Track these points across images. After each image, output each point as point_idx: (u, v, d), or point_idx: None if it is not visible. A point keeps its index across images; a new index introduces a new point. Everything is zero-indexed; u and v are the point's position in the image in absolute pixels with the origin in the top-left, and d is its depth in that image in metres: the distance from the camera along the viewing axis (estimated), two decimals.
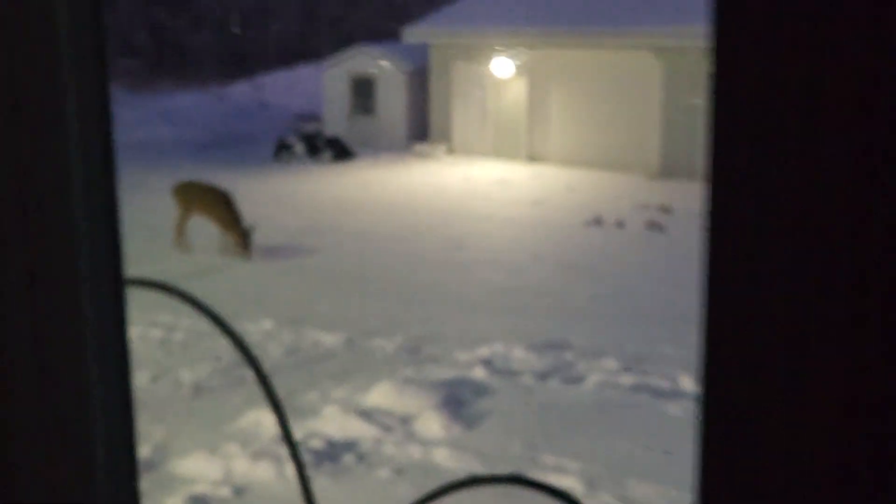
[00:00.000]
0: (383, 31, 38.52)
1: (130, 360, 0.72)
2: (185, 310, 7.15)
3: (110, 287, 0.69)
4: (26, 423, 0.63)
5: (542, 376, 7.19)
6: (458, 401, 6.46)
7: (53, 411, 0.64)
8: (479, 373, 7.07)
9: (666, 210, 15.50)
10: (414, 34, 22.30)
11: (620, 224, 14.46)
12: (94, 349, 0.65)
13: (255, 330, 9.16)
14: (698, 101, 18.55)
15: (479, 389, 6.69)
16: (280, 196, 17.04)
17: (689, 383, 7.07)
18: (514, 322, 9.60)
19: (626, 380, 7.13)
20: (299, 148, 21.43)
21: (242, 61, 37.92)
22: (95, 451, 0.66)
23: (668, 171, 19.08)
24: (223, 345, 8.61)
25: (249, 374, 7.81)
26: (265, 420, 6.40)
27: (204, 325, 9.25)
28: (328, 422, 6.22)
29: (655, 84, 19.15)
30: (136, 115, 26.87)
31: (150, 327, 8.79)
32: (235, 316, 9.59)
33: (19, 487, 0.63)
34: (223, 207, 12.45)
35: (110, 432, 0.67)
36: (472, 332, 9.22)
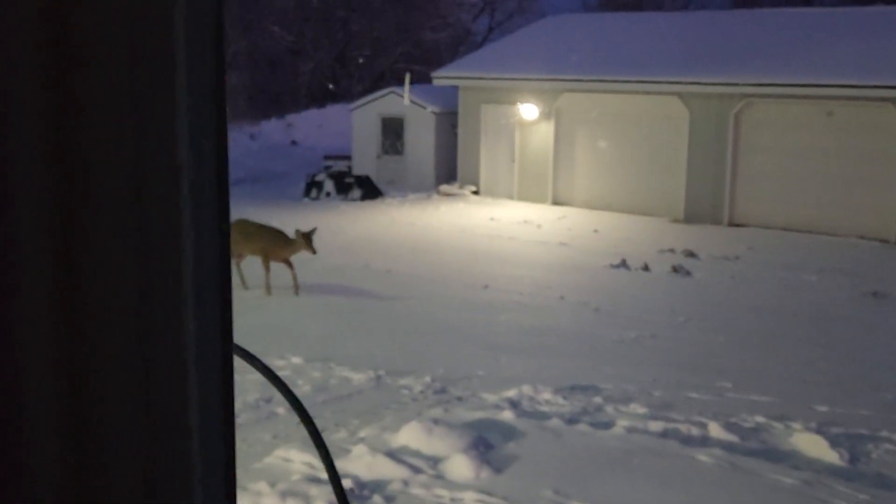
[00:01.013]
0: (413, 74, 38.96)
1: (232, 365, 0.73)
2: None
3: (213, 300, 0.70)
4: (122, 418, 0.63)
5: (571, 420, 7.18)
6: (486, 443, 6.47)
7: (151, 407, 0.64)
8: (507, 415, 7.08)
9: (691, 254, 15.48)
10: (443, 77, 22.57)
11: (646, 267, 14.45)
12: (195, 353, 0.67)
13: (284, 366, 9.23)
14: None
15: (508, 432, 6.69)
16: None
17: (718, 430, 7.03)
18: (541, 364, 9.60)
19: (655, 426, 7.10)
20: (329, 186, 21.64)
21: (275, 100, 38.46)
22: (192, 449, 0.66)
23: (692, 215, 19.07)
24: (252, 380, 8.68)
25: (279, 411, 7.86)
26: (294, 457, 6.44)
27: (235, 360, 9.34)
28: (356, 462, 6.24)
29: (682, 129, 19.21)
30: None
31: None
32: (265, 352, 9.68)
33: (114, 485, 0.63)
34: (277, 243, 12.39)
35: (207, 430, 0.68)
36: (499, 373, 9.23)
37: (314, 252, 12.27)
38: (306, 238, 12.22)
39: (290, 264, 12.30)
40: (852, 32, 19.76)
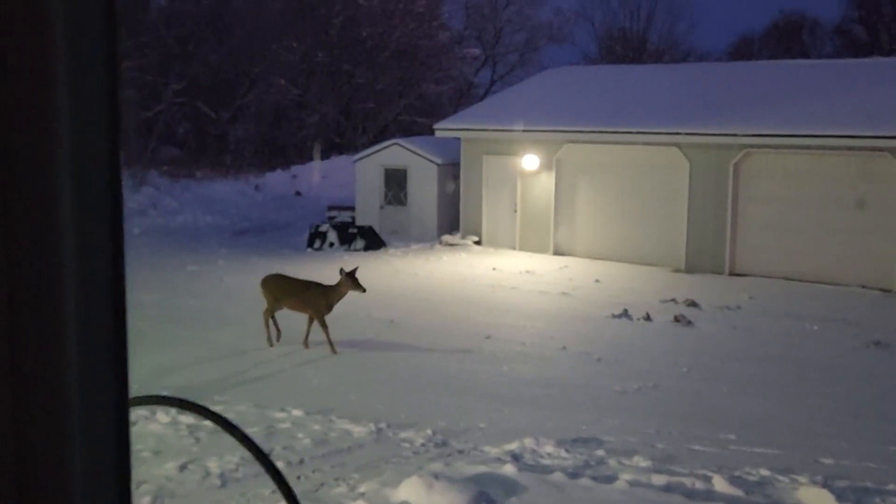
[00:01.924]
0: (415, 125, 39.32)
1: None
2: (215, 400, 7.22)
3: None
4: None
5: (573, 474, 7.12)
6: (488, 499, 6.41)
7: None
8: (508, 469, 7.01)
9: (692, 304, 15.46)
10: (445, 129, 22.79)
11: (648, 317, 14.42)
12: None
13: (284, 418, 9.19)
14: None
15: (510, 487, 6.63)
16: None
17: (723, 484, 6.96)
18: (543, 416, 9.54)
19: (658, 479, 7.03)
20: (332, 236, 21.71)
21: (279, 152, 38.78)
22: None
23: (693, 265, 19.08)
24: (251, 436, 8.62)
25: (278, 465, 7.81)
26: None
27: (232, 413, 9.30)
28: None
29: (682, 180, 19.31)
30: (175, 202, 27.47)
31: (179, 414, 8.84)
32: (266, 404, 9.64)
33: None
34: (319, 294, 12.09)
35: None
36: (501, 425, 9.17)
37: (363, 290, 11.99)
38: (351, 277, 11.90)
39: (322, 323, 11.93)
40: (849, 84, 19.95)
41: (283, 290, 12.26)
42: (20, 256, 0.62)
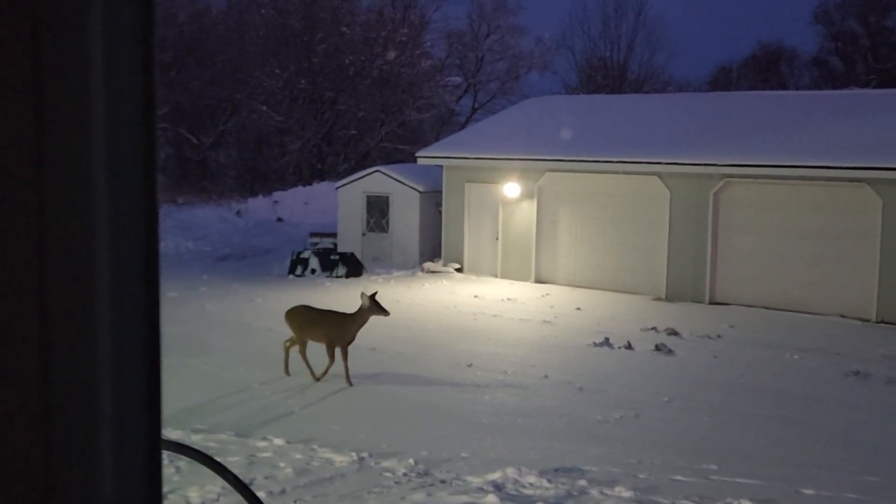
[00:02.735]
0: (397, 152, 39.45)
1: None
2: (196, 428, 7.20)
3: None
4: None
5: None
6: None
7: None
8: (491, 499, 7.00)
9: (673, 332, 15.53)
10: (427, 157, 22.89)
11: (629, 345, 14.47)
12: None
13: (265, 447, 9.13)
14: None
15: None
16: None
17: None
18: (525, 445, 9.53)
19: None
20: (314, 262, 21.69)
21: (261, 178, 38.76)
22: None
23: (674, 294, 19.19)
24: (232, 465, 8.56)
25: (260, 495, 7.75)
26: None
27: (212, 443, 9.24)
28: None
29: (662, 209, 19.46)
30: None
31: None
32: (248, 433, 9.58)
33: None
34: (343, 324, 11.87)
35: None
36: (483, 454, 9.15)
37: (387, 313, 11.83)
38: (373, 301, 11.70)
39: (345, 354, 11.75)
40: (827, 115, 20.22)
41: (309, 321, 12.01)
42: (53, 266, 0.63)
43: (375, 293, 11.97)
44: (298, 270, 21.72)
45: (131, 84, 0.66)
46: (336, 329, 11.87)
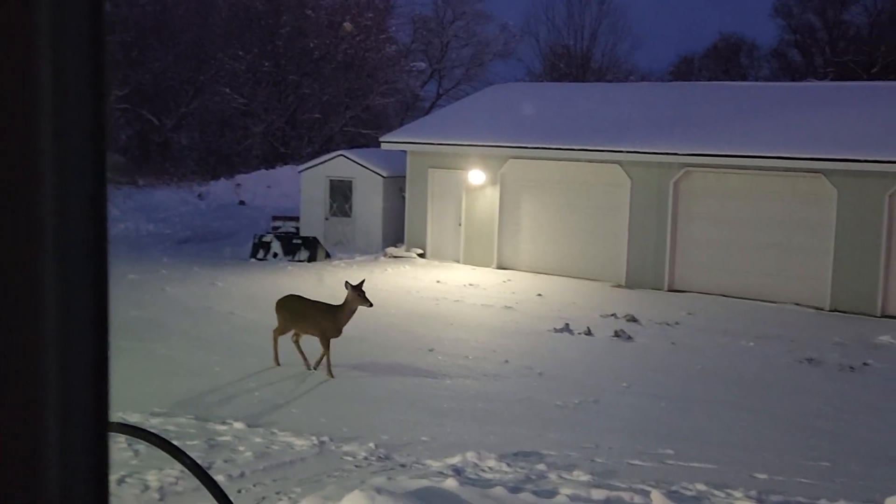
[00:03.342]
0: (361, 137, 39.30)
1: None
2: (155, 412, 7.17)
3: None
4: None
5: (514, 489, 7.20)
6: None
7: None
8: (450, 483, 7.06)
9: (632, 319, 15.71)
10: (391, 142, 22.85)
11: (589, 332, 14.61)
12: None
13: (225, 431, 9.11)
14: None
15: (451, 501, 6.68)
16: (255, 294, 17.07)
17: (661, 499, 7.09)
18: (485, 429, 9.62)
19: (598, 494, 7.14)
20: (276, 246, 21.59)
21: (224, 161, 38.42)
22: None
23: (633, 281, 19.40)
24: (189, 446, 8.54)
25: (219, 478, 7.74)
26: None
27: (171, 426, 9.20)
28: None
29: (623, 197, 19.63)
30: (117, 210, 27.04)
31: None
32: (207, 416, 9.55)
33: None
34: (330, 316, 11.61)
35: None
36: (443, 439, 9.22)
37: (370, 304, 11.50)
38: (358, 291, 11.40)
39: (327, 344, 11.53)
40: (784, 106, 20.51)
41: (297, 312, 11.79)
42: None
43: (362, 282, 11.65)
44: (260, 254, 21.62)
45: (79, 57, 0.64)
46: (324, 320, 11.61)
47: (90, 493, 0.67)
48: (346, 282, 11.84)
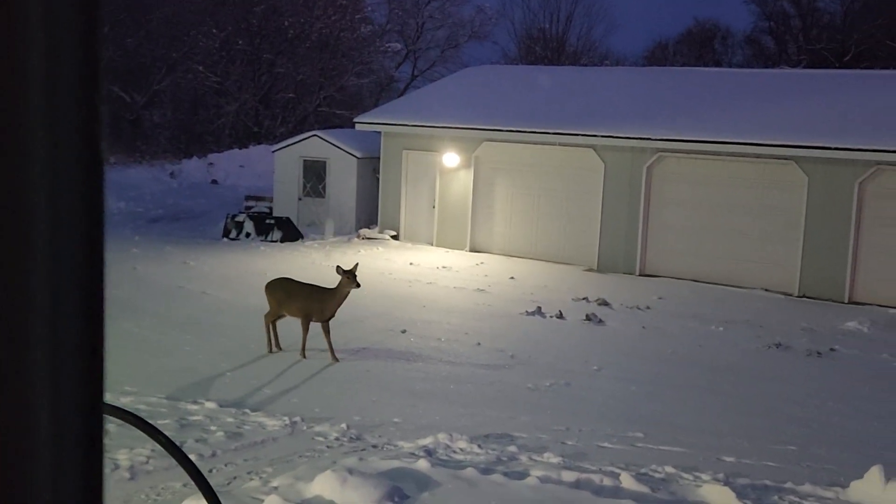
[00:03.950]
0: (335, 117, 39.09)
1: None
2: (126, 391, 7.13)
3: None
4: None
5: (486, 470, 7.24)
6: (401, 494, 6.48)
7: None
8: (422, 464, 7.09)
9: (604, 303, 15.81)
10: (365, 123, 22.75)
11: (560, 315, 14.69)
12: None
13: (197, 411, 9.09)
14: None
15: (422, 482, 6.71)
16: (228, 273, 17.00)
17: (630, 481, 7.18)
18: (457, 411, 9.66)
19: (568, 476, 7.21)
20: (249, 226, 21.47)
21: (196, 139, 38.06)
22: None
23: (605, 265, 19.51)
24: (162, 426, 8.51)
25: (191, 458, 7.72)
26: None
27: (142, 405, 9.16)
28: None
29: (597, 181, 19.71)
30: None
31: None
32: (179, 396, 9.51)
33: None
34: (318, 299, 11.48)
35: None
36: (415, 420, 9.25)
37: (358, 286, 11.32)
38: (349, 275, 11.25)
39: (327, 329, 11.42)
40: (758, 93, 20.65)
41: (287, 295, 11.66)
42: None
43: (356, 266, 11.53)
44: (233, 234, 21.49)
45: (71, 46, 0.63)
46: (314, 303, 11.49)
47: (82, 477, 0.67)
48: (338, 266, 11.73)
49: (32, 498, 0.63)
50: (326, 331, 11.47)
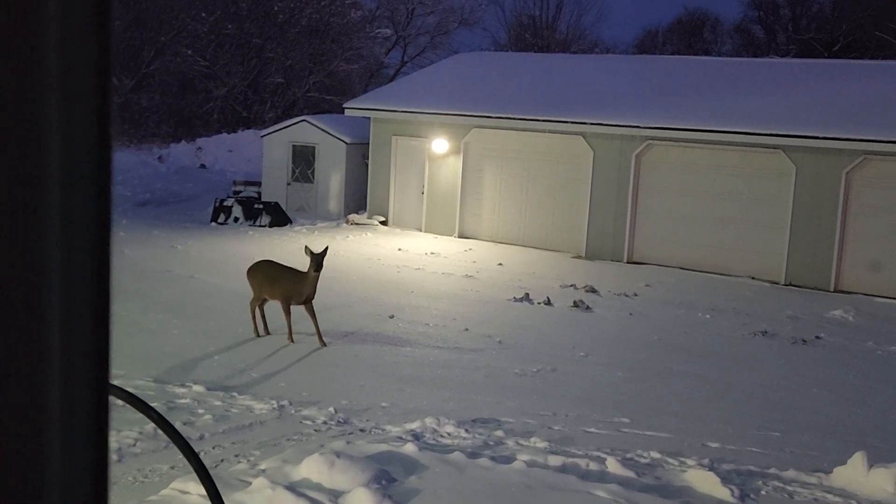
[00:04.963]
0: (324, 102, 38.95)
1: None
2: (114, 374, 7.11)
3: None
4: None
5: (473, 454, 7.28)
6: (388, 477, 6.51)
7: None
8: (409, 448, 7.13)
9: (591, 290, 15.87)
10: (355, 109, 22.70)
11: (548, 301, 14.74)
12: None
13: (184, 394, 9.09)
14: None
15: (410, 466, 6.75)
16: (215, 258, 16.97)
17: (616, 466, 7.23)
18: (444, 396, 9.70)
19: (555, 460, 7.25)
20: (237, 211, 21.43)
21: (185, 123, 37.89)
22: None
23: (593, 252, 19.57)
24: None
25: None
26: (192, 490, 6.35)
27: (130, 388, 9.15)
28: (256, 495, 6.19)
29: (585, 168, 19.74)
30: None
31: None
32: (165, 379, 9.52)
33: None
34: (295, 283, 11.33)
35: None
36: (403, 404, 9.29)
37: (317, 270, 11.06)
38: (313, 257, 11.03)
39: (312, 313, 11.34)
40: (747, 82, 20.70)
41: (267, 278, 11.54)
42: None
43: (325, 249, 11.45)
44: (221, 218, 21.44)
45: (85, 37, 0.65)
46: (290, 286, 11.39)
47: (90, 457, 0.69)
48: (306, 246, 11.67)
49: (44, 472, 0.65)
50: (312, 314, 11.43)
